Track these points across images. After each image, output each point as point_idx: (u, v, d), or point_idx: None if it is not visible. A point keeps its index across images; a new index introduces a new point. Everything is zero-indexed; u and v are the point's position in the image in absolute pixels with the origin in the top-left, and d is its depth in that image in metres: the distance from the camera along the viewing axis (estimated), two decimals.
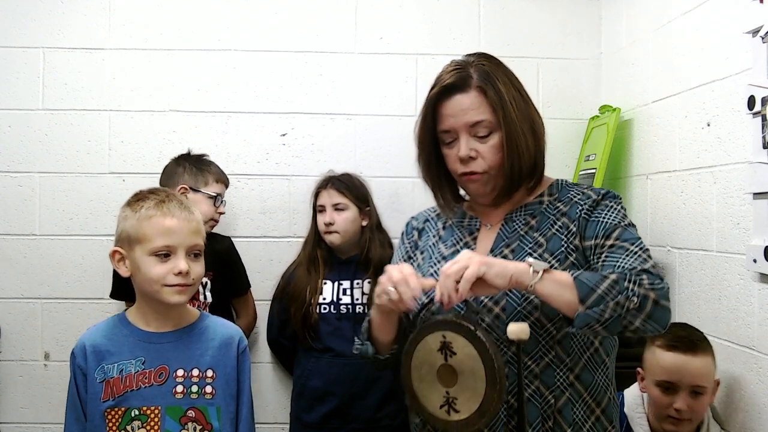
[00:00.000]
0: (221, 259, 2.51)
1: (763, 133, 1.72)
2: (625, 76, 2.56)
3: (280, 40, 2.72)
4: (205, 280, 2.46)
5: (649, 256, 1.31)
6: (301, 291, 2.45)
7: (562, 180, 1.50)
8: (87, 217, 2.67)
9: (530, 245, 1.38)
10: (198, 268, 1.51)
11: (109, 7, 2.68)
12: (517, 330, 1.21)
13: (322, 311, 2.43)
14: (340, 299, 2.43)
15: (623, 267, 1.28)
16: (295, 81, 2.73)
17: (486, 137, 1.40)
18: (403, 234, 1.65)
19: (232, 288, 2.57)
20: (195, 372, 1.51)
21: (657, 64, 2.32)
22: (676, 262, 2.17)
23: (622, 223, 1.36)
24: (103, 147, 2.68)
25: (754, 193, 1.77)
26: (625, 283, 1.23)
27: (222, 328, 1.59)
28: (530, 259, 1.25)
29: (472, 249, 1.44)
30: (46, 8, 2.66)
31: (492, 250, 1.42)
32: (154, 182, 2.67)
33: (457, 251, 1.45)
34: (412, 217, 1.64)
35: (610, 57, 2.72)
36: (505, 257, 1.38)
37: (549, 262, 1.34)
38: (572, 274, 1.24)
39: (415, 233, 1.60)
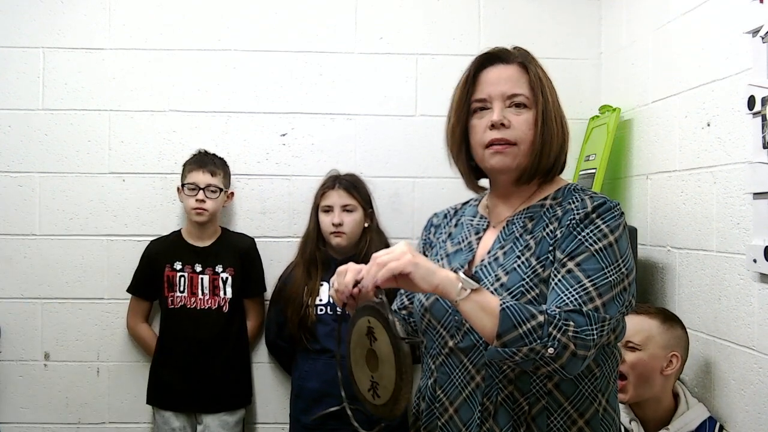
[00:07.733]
0: (242, 256, 2.57)
1: (763, 133, 1.72)
2: (625, 76, 2.56)
3: (280, 40, 2.72)
4: (226, 275, 2.51)
5: (602, 294, 1.25)
6: (297, 293, 2.44)
7: (572, 184, 1.46)
8: (87, 217, 2.67)
9: (520, 248, 1.36)
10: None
11: (109, 7, 2.68)
12: None
13: (319, 313, 2.42)
14: None
15: (563, 301, 1.24)
16: (295, 81, 2.73)
17: (520, 110, 1.38)
18: (423, 230, 1.64)
19: (247, 287, 2.59)
20: None
21: (657, 64, 2.32)
22: (676, 262, 2.17)
23: (594, 247, 1.28)
24: (103, 147, 2.68)
25: (754, 193, 1.77)
26: (549, 329, 1.20)
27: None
28: (461, 274, 1.24)
29: (475, 249, 1.44)
30: (46, 8, 2.66)
31: (489, 252, 1.41)
32: (155, 182, 2.68)
33: (461, 250, 1.45)
34: (434, 214, 1.63)
35: (610, 57, 2.72)
36: (497, 259, 1.37)
37: (533, 267, 1.32)
38: (501, 304, 1.22)
39: (432, 230, 1.60)
